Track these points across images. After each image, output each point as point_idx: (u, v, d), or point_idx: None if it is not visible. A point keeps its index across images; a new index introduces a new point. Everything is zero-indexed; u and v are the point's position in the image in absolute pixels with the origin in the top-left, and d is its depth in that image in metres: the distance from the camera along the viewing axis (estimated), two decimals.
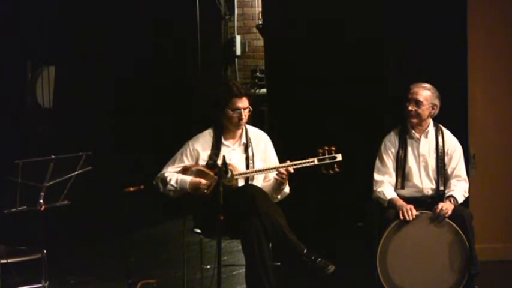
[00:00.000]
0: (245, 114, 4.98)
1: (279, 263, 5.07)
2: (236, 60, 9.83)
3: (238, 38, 9.76)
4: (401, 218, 5.03)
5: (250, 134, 5.12)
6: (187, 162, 5.03)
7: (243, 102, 4.96)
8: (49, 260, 4.78)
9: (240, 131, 5.09)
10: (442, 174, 5.26)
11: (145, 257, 6.50)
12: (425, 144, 5.30)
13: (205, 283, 5.29)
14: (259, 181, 5.05)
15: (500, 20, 6.07)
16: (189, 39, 8.39)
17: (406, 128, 5.32)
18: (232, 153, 5.04)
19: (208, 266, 5.18)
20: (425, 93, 5.23)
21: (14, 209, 4.60)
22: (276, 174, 4.90)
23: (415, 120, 5.26)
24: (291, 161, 4.87)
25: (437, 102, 5.25)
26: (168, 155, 5.12)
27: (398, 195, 5.21)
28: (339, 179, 4.98)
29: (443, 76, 5.67)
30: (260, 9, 9.13)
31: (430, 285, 5.05)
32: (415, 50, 5.96)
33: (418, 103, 5.22)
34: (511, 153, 6.12)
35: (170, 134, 7.11)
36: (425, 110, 5.23)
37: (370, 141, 5.52)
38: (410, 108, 5.24)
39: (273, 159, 5.13)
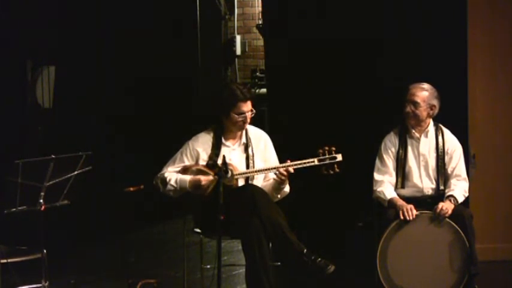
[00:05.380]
0: (249, 116, 4.99)
1: (279, 263, 5.07)
2: (236, 60, 9.84)
3: (238, 38, 9.77)
4: (402, 217, 5.03)
5: (250, 134, 5.12)
6: (187, 162, 5.03)
7: (248, 106, 4.97)
8: (49, 260, 4.78)
9: (241, 131, 5.09)
10: (442, 174, 5.26)
11: (145, 257, 6.50)
12: (425, 144, 5.30)
13: (205, 283, 5.29)
14: (259, 181, 5.05)
15: (500, 20, 6.08)
16: (189, 39, 8.39)
17: (406, 127, 5.32)
18: (232, 153, 5.04)
19: (208, 266, 5.18)
20: (422, 94, 5.23)
21: (14, 209, 4.59)
22: (276, 175, 4.90)
23: (412, 122, 5.26)
24: (291, 161, 4.88)
25: (435, 102, 5.25)
26: (168, 155, 5.12)
27: (398, 195, 5.21)
28: (339, 179, 4.98)
29: (443, 76, 5.67)
30: (260, 9, 9.14)
31: (430, 285, 5.05)
32: (415, 50, 5.97)
33: (415, 104, 5.22)
34: (511, 153, 6.13)
35: (170, 134, 7.11)
36: (422, 111, 5.23)
37: (370, 141, 5.52)
38: (407, 109, 5.24)
39: (273, 159, 5.13)
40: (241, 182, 4.97)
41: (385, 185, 5.24)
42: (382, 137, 5.38)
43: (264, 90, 8.51)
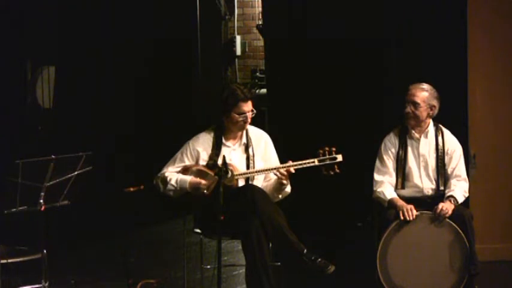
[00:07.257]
0: (250, 116, 4.99)
1: (279, 263, 5.07)
2: (236, 60, 9.83)
3: (238, 38, 9.76)
4: (402, 218, 5.02)
5: (250, 134, 5.12)
6: (188, 162, 5.03)
7: (248, 106, 4.98)
8: (49, 260, 4.77)
9: (242, 131, 5.09)
10: (442, 174, 5.26)
11: (145, 257, 6.50)
12: (425, 144, 5.30)
13: (205, 283, 5.29)
14: (259, 181, 5.05)
15: (500, 20, 6.07)
16: (189, 39, 8.39)
17: (406, 128, 5.32)
18: (232, 153, 5.04)
19: (208, 266, 5.19)
20: (422, 94, 5.22)
21: (14, 209, 4.59)
22: (277, 176, 4.90)
23: (412, 122, 5.26)
24: (292, 161, 4.87)
25: (435, 102, 5.24)
26: (168, 155, 5.12)
27: (398, 195, 5.21)
28: (339, 179, 4.98)
29: (443, 76, 5.67)
30: (260, 9, 9.13)
31: (430, 285, 5.05)
32: (415, 50, 5.97)
33: (415, 105, 5.21)
34: (511, 153, 6.12)
35: (170, 133, 7.11)
36: (422, 112, 5.22)
37: (370, 141, 5.52)
38: (407, 109, 5.24)
39: (273, 159, 5.13)
40: (241, 182, 4.97)
41: (385, 185, 5.24)
42: (382, 138, 5.37)
43: (264, 90, 8.51)
